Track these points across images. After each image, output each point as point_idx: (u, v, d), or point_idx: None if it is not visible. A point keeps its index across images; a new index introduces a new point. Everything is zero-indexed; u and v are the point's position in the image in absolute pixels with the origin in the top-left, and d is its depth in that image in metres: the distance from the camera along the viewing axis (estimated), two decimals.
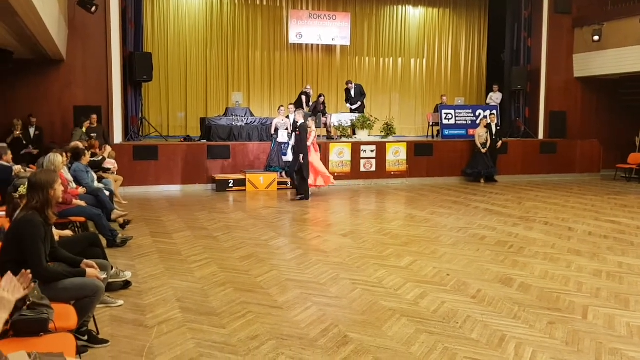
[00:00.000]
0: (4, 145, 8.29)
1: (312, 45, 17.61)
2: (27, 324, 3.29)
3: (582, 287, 5.76)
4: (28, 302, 3.39)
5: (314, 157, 11.52)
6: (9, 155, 8.12)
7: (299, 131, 10.93)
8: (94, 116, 11.75)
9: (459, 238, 7.96)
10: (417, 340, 4.36)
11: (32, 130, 11.71)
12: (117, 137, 12.53)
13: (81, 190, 7.72)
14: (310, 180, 11.36)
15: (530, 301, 5.29)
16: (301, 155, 10.85)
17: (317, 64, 17.83)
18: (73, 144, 9.24)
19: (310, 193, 11.37)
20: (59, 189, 4.09)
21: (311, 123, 11.72)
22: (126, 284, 5.61)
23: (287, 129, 12.46)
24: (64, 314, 3.58)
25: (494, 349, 4.23)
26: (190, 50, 16.47)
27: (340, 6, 17.66)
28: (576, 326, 4.69)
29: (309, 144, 11.34)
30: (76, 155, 8.51)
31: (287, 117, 12.71)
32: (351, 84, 15.22)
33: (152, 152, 12.45)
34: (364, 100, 15.38)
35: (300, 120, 11.04)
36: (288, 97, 16.70)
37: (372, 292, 5.52)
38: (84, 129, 11.25)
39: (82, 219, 7.08)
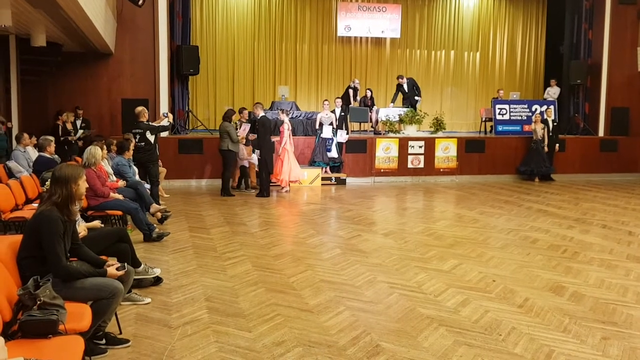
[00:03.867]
0: (49, 137, 8.35)
1: (360, 38, 17.25)
2: (35, 325, 3.14)
3: None
4: (39, 302, 3.25)
5: (290, 154, 11.25)
6: (52, 147, 8.22)
7: (258, 126, 10.65)
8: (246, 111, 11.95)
9: (509, 240, 7.50)
10: (454, 353, 4.02)
11: (78, 123, 11.86)
12: None
13: (121, 183, 7.72)
14: (285, 177, 11.19)
15: (583, 313, 4.84)
16: (257, 151, 10.58)
17: (365, 57, 17.45)
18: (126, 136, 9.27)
19: (286, 189, 11.31)
20: (82, 185, 3.93)
21: (284, 117, 11.35)
22: (157, 280, 5.48)
23: (331, 123, 12.19)
24: (78, 314, 3.43)
25: None
26: (237, 44, 16.41)
27: None
28: (633, 343, 4.24)
29: (284, 139, 11.07)
30: (120, 149, 8.55)
31: (333, 111, 12.43)
32: (402, 78, 14.72)
33: (197, 145, 12.44)
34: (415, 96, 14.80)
35: (261, 114, 10.75)
36: (335, 91, 16.39)
37: (409, 297, 5.19)
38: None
39: (119, 213, 7.06)
